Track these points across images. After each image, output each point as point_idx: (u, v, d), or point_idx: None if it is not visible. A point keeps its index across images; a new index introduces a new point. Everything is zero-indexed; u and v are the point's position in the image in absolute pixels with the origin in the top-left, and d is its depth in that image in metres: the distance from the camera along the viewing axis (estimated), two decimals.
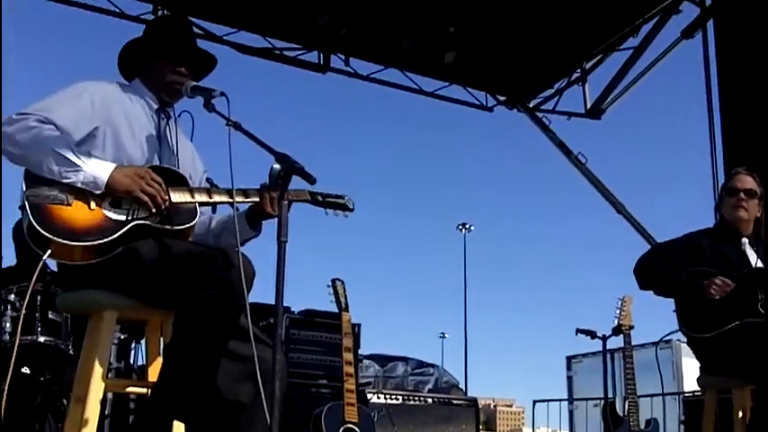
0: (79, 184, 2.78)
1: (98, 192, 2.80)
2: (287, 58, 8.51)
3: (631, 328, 5.79)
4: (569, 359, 13.52)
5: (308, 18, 7.84)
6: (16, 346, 2.91)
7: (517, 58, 8.61)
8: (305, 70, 8.58)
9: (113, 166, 2.85)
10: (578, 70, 9.07)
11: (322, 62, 8.57)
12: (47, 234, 2.67)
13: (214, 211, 3.21)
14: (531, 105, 9.59)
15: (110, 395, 5.17)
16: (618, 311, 5.81)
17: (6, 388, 2.85)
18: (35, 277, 2.73)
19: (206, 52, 3.29)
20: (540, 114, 9.59)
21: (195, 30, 7.60)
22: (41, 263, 2.75)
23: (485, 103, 9.50)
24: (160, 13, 7.66)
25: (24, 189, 2.75)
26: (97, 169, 2.81)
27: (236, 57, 8.07)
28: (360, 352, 6.82)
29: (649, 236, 8.50)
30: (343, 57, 8.59)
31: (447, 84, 9.10)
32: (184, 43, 3.26)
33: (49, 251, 2.69)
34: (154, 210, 2.85)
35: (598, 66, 8.99)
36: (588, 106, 9.16)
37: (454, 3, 7.65)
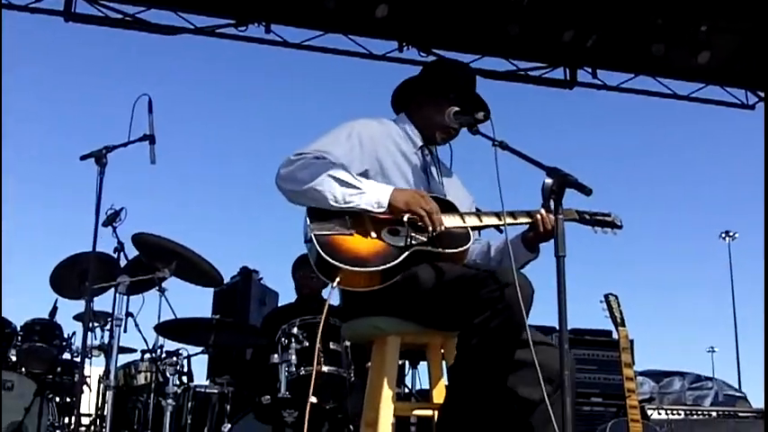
0: (363, 205, 2.89)
1: (381, 210, 2.90)
2: (532, 78, 8.45)
3: None
4: None
5: (551, 35, 7.77)
6: (314, 376, 3.04)
7: None
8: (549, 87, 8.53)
9: (392, 187, 2.95)
10: None
11: (568, 78, 8.45)
12: (336, 263, 2.78)
13: (479, 233, 3.24)
14: None
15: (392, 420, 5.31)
16: None
17: (307, 416, 2.99)
18: (326, 308, 2.85)
19: (483, 101, 3.28)
20: None
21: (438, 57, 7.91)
22: (331, 289, 2.87)
23: (745, 101, 8.96)
24: (405, 49, 7.84)
25: (309, 223, 2.89)
26: (378, 190, 2.92)
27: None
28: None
29: None
30: (590, 69, 8.42)
31: (703, 85, 8.68)
32: (468, 89, 3.31)
33: (338, 279, 2.81)
34: (431, 228, 2.89)
35: None
36: None
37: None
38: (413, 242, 2.91)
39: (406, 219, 2.90)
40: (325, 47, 7.74)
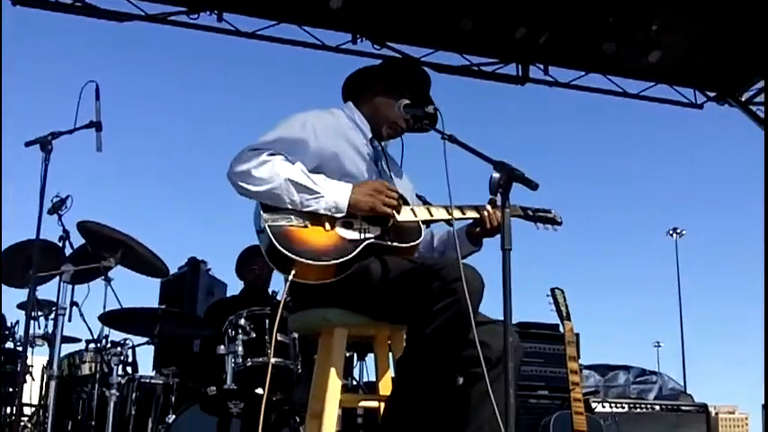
0: (321, 210, 2.89)
1: (340, 215, 2.91)
2: (485, 74, 8.50)
3: None
4: None
5: (504, 31, 7.81)
6: (269, 368, 3.03)
7: (725, 50, 8.19)
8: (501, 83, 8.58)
9: (350, 187, 2.95)
10: None
11: (520, 74, 8.52)
12: (291, 255, 2.77)
13: (428, 226, 3.26)
14: (743, 99, 9.10)
15: (338, 411, 5.32)
16: None
17: (264, 406, 2.99)
18: (282, 303, 2.85)
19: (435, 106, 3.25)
20: (753, 108, 9.09)
21: (394, 54, 7.91)
22: (286, 283, 2.84)
23: (694, 101, 9.11)
24: (359, 41, 7.83)
25: (262, 213, 2.86)
26: (336, 194, 2.91)
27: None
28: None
29: None
30: (541, 66, 8.49)
31: (652, 84, 8.81)
32: (424, 92, 3.32)
33: (293, 272, 2.80)
34: (394, 216, 2.94)
35: None
36: None
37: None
38: (367, 236, 2.93)
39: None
40: (278, 37, 7.69)
